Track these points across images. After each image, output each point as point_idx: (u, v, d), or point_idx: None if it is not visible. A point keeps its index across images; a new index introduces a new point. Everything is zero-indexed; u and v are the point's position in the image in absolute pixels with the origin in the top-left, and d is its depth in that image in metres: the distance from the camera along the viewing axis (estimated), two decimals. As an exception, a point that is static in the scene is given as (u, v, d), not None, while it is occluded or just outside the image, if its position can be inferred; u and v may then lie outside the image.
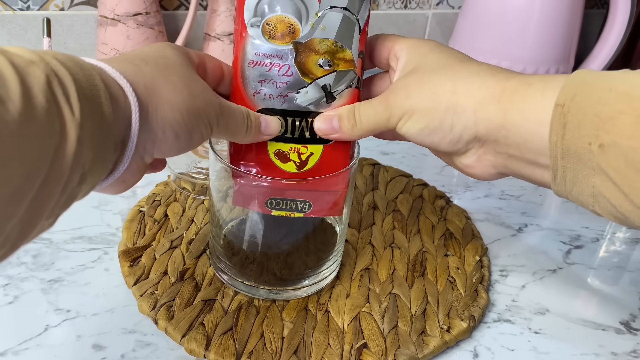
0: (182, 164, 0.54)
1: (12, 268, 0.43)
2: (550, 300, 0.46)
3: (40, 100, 0.20)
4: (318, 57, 0.34)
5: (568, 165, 0.29)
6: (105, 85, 0.24)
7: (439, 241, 0.50)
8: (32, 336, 0.38)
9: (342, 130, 0.35)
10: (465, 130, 0.32)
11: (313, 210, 0.37)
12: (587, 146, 0.27)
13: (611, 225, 0.57)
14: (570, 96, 0.28)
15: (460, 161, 0.35)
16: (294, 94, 0.34)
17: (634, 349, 0.41)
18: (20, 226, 0.20)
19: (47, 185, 0.21)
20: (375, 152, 0.68)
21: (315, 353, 0.37)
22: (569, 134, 0.28)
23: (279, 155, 0.36)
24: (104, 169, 0.26)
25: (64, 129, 0.21)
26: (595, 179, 0.28)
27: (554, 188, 0.31)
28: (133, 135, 0.26)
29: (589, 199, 0.29)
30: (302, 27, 0.32)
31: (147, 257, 0.44)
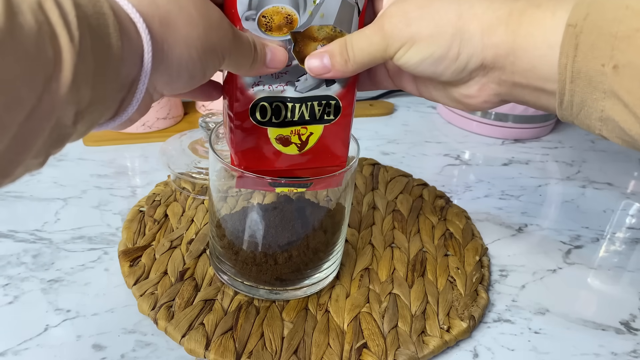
0: (182, 164, 0.54)
1: (12, 268, 0.43)
2: (550, 300, 0.46)
3: (29, 20, 0.17)
4: (317, 44, 0.33)
5: (577, 89, 0.27)
6: (115, 15, 0.21)
7: (439, 241, 0.50)
8: (32, 336, 0.38)
9: (335, 67, 0.32)
10: (471, 58, 0.30)
11: (314, 185, 0.37)
12: (600, 68, 0.26)
13: (611, 225, 0.57)
14: (583, 15, 0.27)
15: (460, 91, 0.33)
16: (294, 82, 0.34)
17: (634, 349, 0.41)
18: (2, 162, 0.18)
19: (33, 119, 0.18)
20: (375, 152, 0.68)
21: (315, 353, 0.37)
22: (580, 56, 0.27)
23: (281, 140, 0.36)
24: (105, 109, 0.23)
25: (59, 58, 0.18)
26: (605, 102, 0.27)
27: (559, 113, 0.29)
28: (144, 76, 0.23)
29: (596, 123, 0.28)
30: (300, 17, 0.32)
31: (147, 257, 0.44)
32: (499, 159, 0.70)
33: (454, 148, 0.72)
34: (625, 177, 0.68)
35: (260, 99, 0.34)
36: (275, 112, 0.35)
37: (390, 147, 0.70)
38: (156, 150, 0.62)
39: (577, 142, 0.76)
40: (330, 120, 0.36)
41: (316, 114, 0.36)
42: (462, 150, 0.71)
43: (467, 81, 0.32)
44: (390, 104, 0.82)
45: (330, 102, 0.36)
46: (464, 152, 0.71)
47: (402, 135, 0.74)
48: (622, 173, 0.69)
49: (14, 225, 0.48)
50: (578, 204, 0.61)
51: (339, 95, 0.36)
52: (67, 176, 0.57)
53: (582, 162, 0.71)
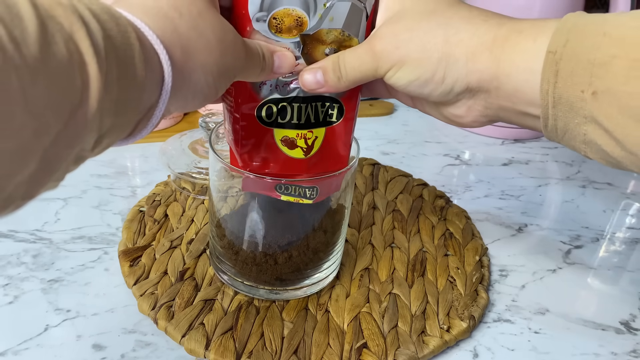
0: (182, 164, 0.54)
1: (12, 268, 0.43)
2: (550, 300, 0.46)
3: (61, 49, 0.17)
4: (325, 47, 0.33)
5: (559, 114, 0.28)
6: (140, 46, 0.21)
7: (439, 241, 0.50)
8: (32, 336, 0.38)
9: (328, 83, 0.33)
10: (457, 82, 0.31)
11: (320, 194, 0.37)
12: (580, 94, 0.27)
13: (611, 225, 0.57)
14: (563, 42, 0.27)
15: (450, 111, 0.34)
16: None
17: (634, 349, 0.41)
18: (27, 185, 0.19)
19: (58, 144, 0.19)
20: (375, 152, 0.68)
21: (315, 353, 0.37)
22: (561, 82, 0.27)
23: (286, 142, 0.36)
24: (122, 133, 0.24)
25: (87, 87, 0.19)
26: (587, 127, 0.27)
27: (545, 134, 0.30)
28: (162, 103, 0.24)
29: (580, 145, 0.29)
30: (310, 19, 0.32)
31: (147, 257, 0.44)
32: (499, 159, 0.70)
33: (454, 148, 0.72)
34: (625, 177, 0.68)
35: (267, 101, 0.34)
36: (281, 113, 0.35)
37: (390, 147, 0.70)
38: (156, 150, 0.62)
39: (577, 142, 0.76)
40: (333, 122, 0.36)
41: (320, 116, 0.36)
42: (462, 150, 0.71)
43: (455, 102, 0.33)
44: (390, 104, 0.82)
45: (333, 104, 0.36)
46: (464, 152, 0.71)
47: (402, 135, 0.74)
48: (622, 173, 0.69)
49: (14, 225, 0.48)
50: (578, 204, 0.61)
51: (342, 99, 0.36)
52: (67, 176, 0.57)
53: (582, 162, 0.71)
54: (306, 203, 0.37)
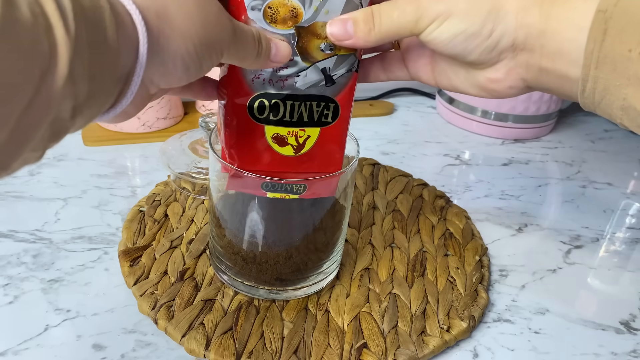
0: (182, 164, 0.54)
1: (12, 268, 0.43)
2: (550, 300, 0.46)
3: (24, 12, 0.17)
4: (320, 42, 0.33)
5: (601, 75, 0.27)
6: (111, 8, 0.21)
7: (439, 241, 0.50)
8: (32, 336, 0.38)
9: (357, 34, 0.31)
10: (504, 37, 0.30)
11: (308, 192, 0.36)
12: (627, 53, 0.26)
13: (611, 225, 0.57)
14: (614, 1, 0.27)
15: (486, 75, 0.32)
16: (294, 78, 0.34)
17: (634, 349, 0.41)
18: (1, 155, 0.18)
19: (30, 112, 0.18)
20: (375, 152, 0.68)
21: (315, 353, 0.37)
22: (608, 41, 0.27)
23: (277, 139, 0.36)
24: (103, 103, 0.23)
25: (54, 51, 0.18)
26: (629, 90, 0.27)
27: (581, 100, 0.29)
28: (139, 68, 0.23)
29: (617, 112, 0.28)
30: (305, 11, 0.32)
31: (147, 257, 0.44)
32: (499, 159, 0.70)
33: (454, 148, 0.72)
34: (625, 177, 0.68)
35: (259, 95, 0.34)
36: (273, 110, 0.35)
37: (390, 147, 0.70)
38: (156, 150, 0.62)
39: (577, 142, 0.76)
40: (328, 123, 0.36)
41: (314, 115, 0.36)
42: (462, 150, 0.71)
43: (495, 63, 0.32)
44: (390, 104, 0.82)
45: (329, 104, 0.36)
46: (464, 152, 0.71)
47: (402, 135, 0.74)
48: (622, 173, 0.69)
49: (14, 225, 0.48)
50: (578, 204, 0.61)
51: (337, 98, 0.36)
52: (67, 176, 0.57)
53: (582, 162, 0.71)
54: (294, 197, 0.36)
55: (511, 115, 0.73)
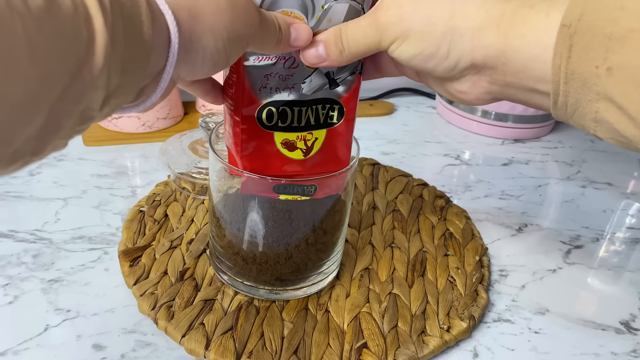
0: (182, 164, 0.54)
1: (12, 268, 0.43)
2: (550, 300, 0.46)
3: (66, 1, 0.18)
4: None
5: (571, 90, 0.27)
6: (147, 4, 0.21)
7: (439, 241, 0.50)
8: (32, 336, 0.38)
9: (330, 57, 0.32)
10: (462, 58, 0.31)
11: (319, 192, 0.37)
12: (594, 69, 0.26)
13: (611, 225, 0.57)
14: (578, 16, 0.26)
15: (454, 87, 0.33)
16: (300, 85, 0.34)
17: (634, 349, 0.41)
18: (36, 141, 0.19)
19: (65, 99, 0.19)
20: (375, 152, 0.68)
21: (315, 353, 0.37)
22: (574, 57, 0.26)
23: (286, 145, 0.36)
24: (129, 95, 0.23)
25: (92, 41, 0.19)
26: (600, 104, 0.27)
27: (554, 112, 0.29)
28: (170, 66, 0.24)
29: (590, 124, 0.28)
30: (308, 21, 0.32)
31: (147, 257, 0.44)
32: (499, 159, 0.70)
33: (454, 148, 0.72)
34: (625, 177, 0.68)
35: (267, 104, 0.34)
36: (281, 117, 0.35)
37: (390, 147, 0.70)
38: (156, 150, 0.62)
39: (577, 142, 0.76)
40: (334, 124, 0.37)
41: (320, 117, 0.36)
42: (462, 150, 0.71)
43: (459, 78, 0.32)
44: (390, 104, 0.82)
45: (334, 105, 0.36)
46: (464, 152, 0.71)
47: (402, 135, 0.74)
48: (622, 173, 0.69)
49: (14, 225, 0.48)
50: (578, 204, 0.61)
51: (342, 100, 0.36)
52: (67, 176, 0.57)
53: (582, 162, 0.71)
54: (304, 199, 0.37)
55: (511, 115, 0.73)
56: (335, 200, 0.39)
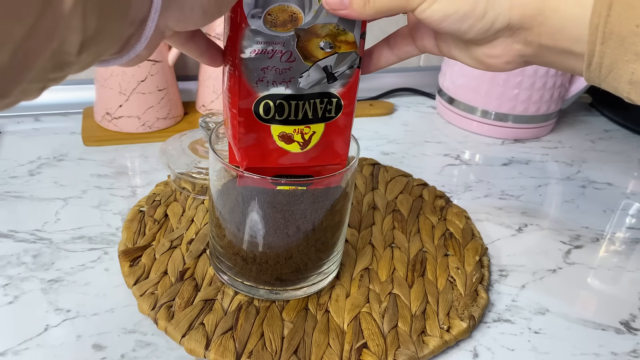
0: (182, 164, 0.54)
1: (12, 268, 0.43)
2: (550, 300, 0.46)
3: None
4: (319, 40, 0.34)
5: (607, 50, 0.27)
6: None
7: (439, 241, 0.50)
8: (32, 336, 0.38)
9: (352, 6, 0.31)
10: (498, 17, 0.30)
11: (315, 182, 0.37)
12: (634, 28, 0.26)
13: (611, 225, 0.57)
14: None
15: (484, 51, 0.32)
16: (297, 79, 0.34)
17: (634, 349, 0.41)
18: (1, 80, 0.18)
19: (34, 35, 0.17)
20: (375, 152, 0.68)
21: (315, 353, 0.37)
22: (614, 16, 0.26)
23: (283, 137, 0.36)
24: (111, 43, 0.22)
25: None
26: (638, 65, 0.26)
27: (586, 75, 0.29)
28: (154, 13, 0.22)
29: (625, 86, 0.28)
30: (305, 15, 0.32)
31: (147, 257, 0.44)
32: (499, 159, 0.70)
33: (454, 148, 0.72)
34: (625, 177, 0.68)
35: (264, 97, 0.34)
36: (278, 110, 0.35)
37: (390, 147, 0.70)
38: (156, 150, 0.62)
39: (577, 142, 0.76)
40: (332, 117, 0.37)
41: (318, 112, 0.36)
42: (462, 150, 0.71)
43: (492, 40, 0.31)
44: (390, 104, 0.82)
45: (331, 99, 0.36)
46: (464, 152, 0.71)
47: (402, 135, 0.74)
48: (622, 173, 0.69)
49: (14, 225, 0.48)
50: (578, 204, 0.61)
51: (340, 93, 0.36)
52: (67, 176, 0.57)
53: (582, 162, 0.71)
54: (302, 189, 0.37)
55: (511, 115, 0.73)
56: (336, 200, 0.39)
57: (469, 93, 0.75)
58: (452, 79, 0.78)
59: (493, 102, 0.73)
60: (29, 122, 0.67)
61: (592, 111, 0.88)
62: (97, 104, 0.66)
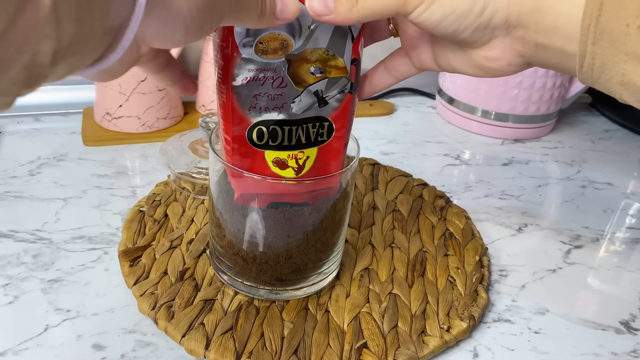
0: (182, 164, 0.54)
1: (12, 268, 0.43)
2: (550, 300, 0.46)
3: None
4: (310, 65, 0.34)
5: (598, 50, 0.27)
6: None
7: (439, 241, 0.50)
8: (32, 336, 0.38)
9: (337, 10, 0.29)
10: (496, 14, 0.30)
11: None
12: (625, 28, 0.26)
13: (611, 225, 0.57)
14: None
15: (483, 54, 0.32)
16: (289, 104, 0.35)
17: (634, 349, 0.41)
18: None
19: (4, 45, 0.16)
20: (375, 152, 0.68)
21: (315, 353, 0.37)
22: (605, 15, 0.26)
23: (278, 163, 0.36)
24: (88, 52, 0.20)
25: None
26: (628, 65, 0.26)
27: (579, 76, 0.29)
28: (134, 23, 0.21)
29: (616, 87, 0.28)
30: (295, 42, 0.32)
31: (147, 257, 0.44)
32: (499, 159, 0.70)
33: (454, 148, 0.72)
34: (625, 177, 0.68)
35: (257, 123, 0.35)
36: (272, 136, 0.35)
37: (390, 147, 0.70)
38: (156, 150, 0.62)
39: (577, 142, 0.76)
40: (324, 141, 0.37)
41: (311, 136, 0.36)
42: (462, 150, 0.71)
43: (489, 41, 0.31)
44: (390, 104, 0.82)
45: (323, 123, 0.36)
46: (464, 152, 0.71)
47: (402, 135, 0.74)
48: (622, 173, 0.69)
49: (14, 225, 0.48)
50: (578, 204, 0.61)
51: (331, 117, 0.36)
52: (67, 176, 0.57)
53: (582, 162, 0.71)
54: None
55: (511, 115, 0.73)
56: (336, 200, 0.39)
57: (469, 93, 0.75)
58: (452, 78, 0.78)
59: (493, 102, 0.73)
60: (29, 122, 0.67)
61: (592, 111, 0.88)
62: (97, 104, 0.66)
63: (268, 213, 0.38)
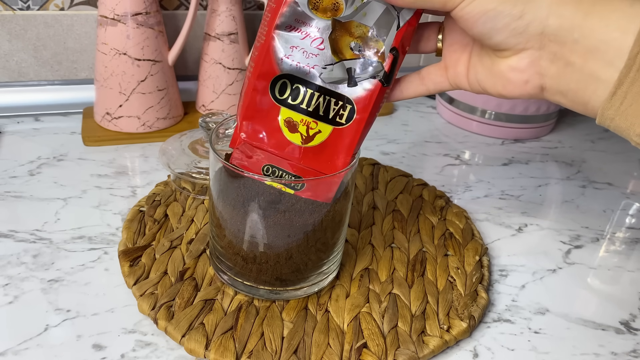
0: (182, 164, 0.54)
1: (12, 268, 0.43)
2: (550, 300, 0.46)
3: None
4: (351, 40, 0.34)
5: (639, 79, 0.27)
6: None
7: (439, 241, 0.50)
8: (32, 336, 0.38)
9: None
10: (534, 21, 0.30)
11: (304, 190, 0.37)
12: None
13: (611, 225, 0.57)
14: None
15: (509, 63, 0.33)
16: (320, 69, 0.35)
17: (634, 349, 0.41)
18: None
19: None
20: (375, 152, 0.68)
21: (315, 353, 0.37)
22: None
23: (289, 124, 0.36)
24: None
25: None
26: None
27: (606, 104, 0.29)
28: None
29: None
30: (346, 7, 0.33)
31: (147, 257, 0.44)
32: (499, 159, 0.70)
33: (454, 148, 0.72)
34: (625, 177, 0.68)
35: (284, 75, 0.35)
36: (293, 93, 0.35)
37: (390, 147, 0.70)
38: (156, 150, 0.62)
39: (577, 142, 0.76)
40: (341, 124, 0.37)
41: (330, 111, 0.36)
42: (462, 150, 0.71)
43: (520, 51, 0.32)
44: (390, 104, 0.82)
45: (346, 104, 0.36)
46: (464, 152, 0.71)
47: (402, 135, 0.74)
48: (622, 173, 0.69)
49: (14, 225, 0.48)
50: (578, 204, 0.61)
51: (356, 100, 0.36)
52: (67, 176, 0.57)
53: (582, 162, 0.71)
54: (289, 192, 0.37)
55: (511, 115, 0.73)
56: (336, 200, 0.39)
57: (469, 93, 0.75)
58: (452, 79, 0.77)
59: (493, 102, 0.73)
60: (29, 122, 0.67)
61: (592, 111, 0.87)
62: (97, 104, 0.66)
63: (268, 213, 0.38)
